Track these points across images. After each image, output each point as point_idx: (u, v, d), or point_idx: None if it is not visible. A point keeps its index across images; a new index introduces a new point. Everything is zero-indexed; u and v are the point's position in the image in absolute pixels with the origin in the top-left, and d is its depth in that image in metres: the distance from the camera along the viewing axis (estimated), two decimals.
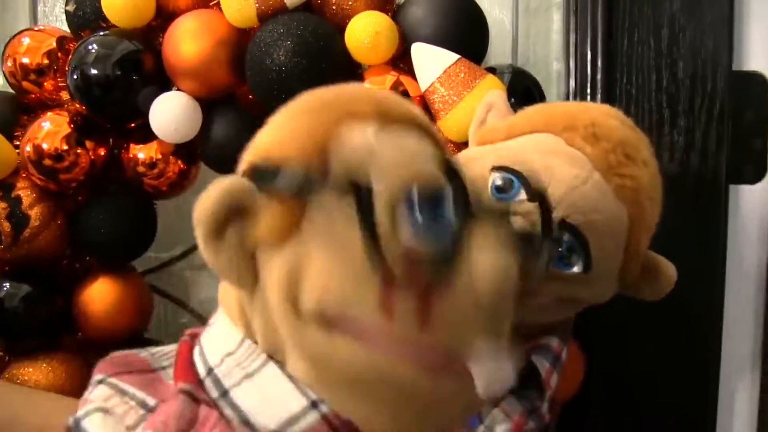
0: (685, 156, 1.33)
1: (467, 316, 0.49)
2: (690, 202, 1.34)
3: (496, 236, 0.49)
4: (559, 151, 0.80)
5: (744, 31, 1.39)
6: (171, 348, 0.63)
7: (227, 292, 0.58)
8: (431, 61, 1.14)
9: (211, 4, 1.24)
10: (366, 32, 1.13)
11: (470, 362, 0.49)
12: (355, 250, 0.47)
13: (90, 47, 1.20)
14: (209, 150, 1.25)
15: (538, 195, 0.73)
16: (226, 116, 1.24)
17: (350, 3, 1.17)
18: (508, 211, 0.67)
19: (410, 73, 1.17)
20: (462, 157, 0.88)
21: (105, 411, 0.53)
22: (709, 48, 1.32)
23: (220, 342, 0.57)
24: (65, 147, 1.23)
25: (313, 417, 0.51)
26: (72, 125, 1.25)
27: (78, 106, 1.25)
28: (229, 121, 1.24)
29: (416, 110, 0.59)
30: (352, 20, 1.15)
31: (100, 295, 1.32)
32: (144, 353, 0.62)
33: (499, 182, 0.77)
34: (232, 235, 0.51)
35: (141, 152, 1.28)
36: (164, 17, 1.25)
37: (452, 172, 0.51)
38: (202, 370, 0.56)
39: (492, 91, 0.97)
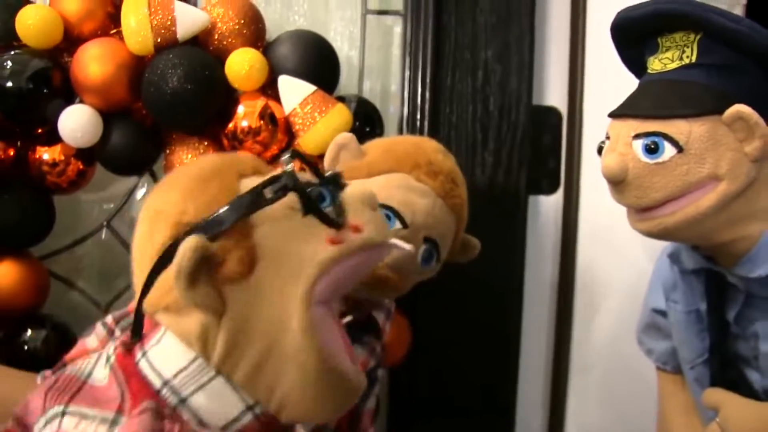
0: (493, 171, 1.72)
1: (366, 214, 0.79)
2: (498, 208, 1.73)
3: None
4: (413, 186, 1.14)
5: (544, 74, 1.79)
6: (79, 349, 0.85)
7: (183, 323, 0.73)
8: (294, 90, 1.49)
9: (111, 32, 1.55)
10: (242, 65, 1.48)
11: (393, 242, 0.84)
12: (302, 232, 0.73)
13: (5, 62, 1.48)
14: (106, 154, 1.56)
15: (408, 224, 1.09)
16: (122, 127, 1.55)
17: (230, 40, 1.51)
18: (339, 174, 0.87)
19: (276, 99, 1.52)
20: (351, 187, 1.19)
21: None
22: (514, 86, 1.72)
23: (174, 361, 0.73)
24: None
25: (248, 417, 0.72)
26: None
27: None
28: (126, 131, 1.55)
29: (263, 164, 0.86)
30: (231, 55, 1.49)
31: (2, 276, 1.59)
32: (67, 370, 0.77)
33: None
34: (204, 278, 0.68)
35: (46, 154, 1.57)
36: (70, 40, 1.54)
37: (321, 176, 0.80)
38: (157, 383, 0.72)
39: (343, 134, 1.20)
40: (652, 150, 1.00)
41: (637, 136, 1.02)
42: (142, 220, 0.79)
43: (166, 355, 0.74)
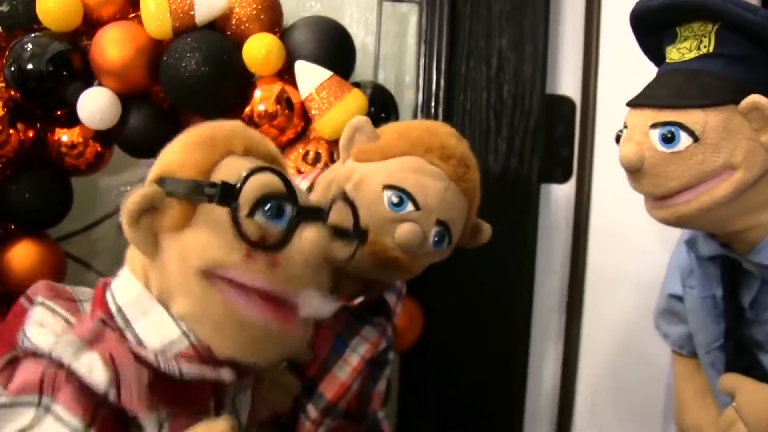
0: (506, 159, 1.74)
1: (299, 269, 0.82)
2: (510, 196, 1.75)
3: (316, 225, 0.82)
4: (426, 169, 1.15)
5: (558, 63, 1.80)
6: (86, 289, 0.91)
7: (133, 257, 0.85)
8: (310, 76, 1.51)
9: (130, 16, 1.58)
10: (259, 50, 1.51)
11: (299, 299, 0.82)
12: (227, 231, 0.79)
13: (25, 45, 1.52)
14: (124, 137, 1.59)
15: (420, 206, 1.11)
16: (140, 110, 1.57)
17: (247, 25, 1.53)
18: (322, 212, 0.86)
19: (293, 83, 1.54)
20: (358, 175, 1.14)
21: (40, 324, 0.80)
22: (527, 75, 1.73)
23: (126, 291, 0.84)
24: None
25: (184, 343, 0.80)
26: (5, 109, 1.56)
27: (12, 93, 1.56)
28: (143, 114, 1.57)
29: (271, 146, 0.92)
30: (248, 40, 1.51)
31: (20, 257, 1.63)
32: (69, 288, 0.89)
33: (394, 199, 1.09)
34: (145, 222, 0.80)
35: (65, 135, 1.60)
36: (90, 23, 1.57)
37: (291, 189, 0.82)
38: (113, 307, 0.83)
39: (358, 117, 1.20)
40: (668, 139, 1.02)
41: (653, 126, 1.03)
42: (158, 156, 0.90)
43: (122, 287, 0.85)
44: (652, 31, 1.11)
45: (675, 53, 1.07)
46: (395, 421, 1.77)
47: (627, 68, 1.28)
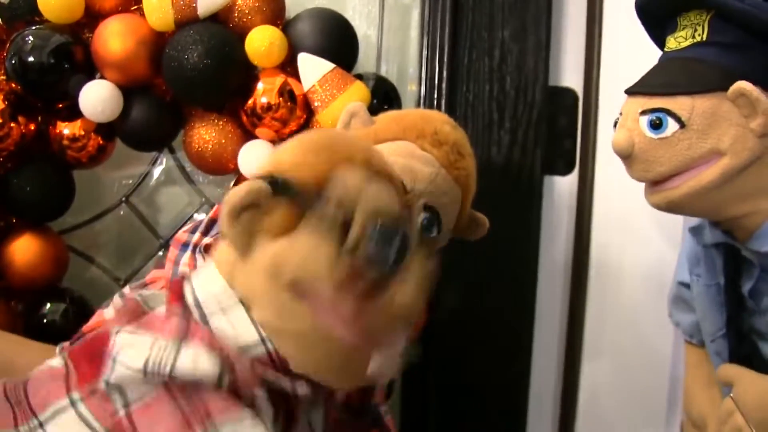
0: (509, 151, 1.74)
1: (385, 317, 0.76)
2: (513, 188, 1.75)
3: (421, 271, 0.76)
4: (416, 154, 1.15)
5: (560, 55, 1.80)
6: (155, 292, 0.88)
7: (222, 252, 0.83)
8: (313, 68, 1.51)
9: (132, 8, 1.58)
10: (262, 42, 1.51)
11: (376, 351, 0.77)
12: (328, 250, 0.73)
13: (27, 37, 1.51)
14: (126, 129, 1.59)
15: (408, 189, 1.09)
16: (143, 102, 1.58)
17: (250, 17, 1.54)
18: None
19: (296, 76, 1.54)
20: None
21: (130, 346, 0.76)
22: (530, 67, 1.73)
23: (208, 285, 0.81)
24: (0, 120, 1.54)
25: (261, 349, 0.77)
26: (6, 102, 1.56)
27: (13, 85, 1.56)
28: (145, 107, 1.58)
29: (392, 167, 0.87)
30: (251, 32, 1.51)
31: (22, 250, 1.63)
32: (136, 297, 0.86)
33: None
34: (245, 218, 0.76)
35: (66, 128, 1.60)
36: (91, 16, 1.56)
37: (404, 220, 0.79)
38: (190, 300, 0.80)
39: (353, 102, 1.23)
40: (656, 125, 1.04)
41: (643, 113, 1.06)
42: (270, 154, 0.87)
43: (204, 280, 0.83)
44: (657, 21, 1.14)
45: (672, 42, 1.10)
46: (399, 418, 1.77)
47: (629, 60, 1.29)
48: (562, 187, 1.83)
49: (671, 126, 1.03)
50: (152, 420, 0.73)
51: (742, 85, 0.99)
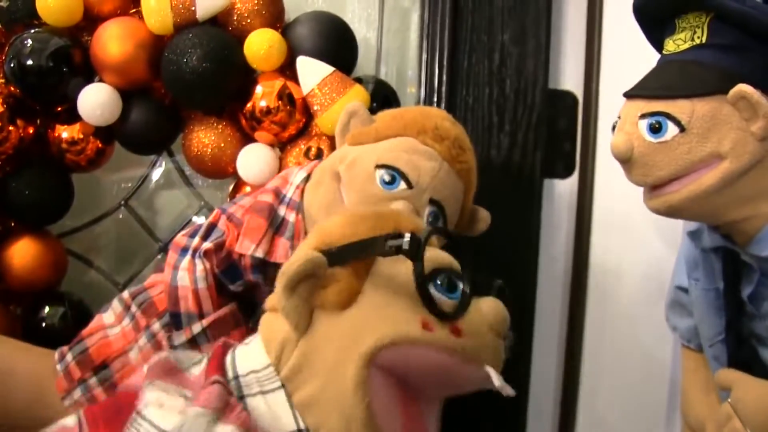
0: (509, 154, 1.74)
1: (482, 331, 0.80)
2: (512, 191, 1.75)
3: (491, 298, 0.83)
4: (419, 149, 1.17)
5: (560, 58, 1.80)
6: (190, 353, 0.86)
7: (271, 327, 0.80)
8: (312, 71, 1.51)
9: (131, 11, 1.58)
10: (261, 45, 1.51)
11: (486, 374, 0.78)
12: (402, 300, 0.75)
13: (26, 41, 1.51)
14: (125, 133, 1.59)
15: (413, 185, 1.12)
16: (141, 105, 1.58)
17: (249, 20, 1.53)
18: (497, 285, 0.93)
19: (295, 79, 1.54)
20: (351, 156, 1.16)
21: (159, 405, 0.73)
22: (530, 70, 1.73)
23: (251, 360, 0.78)
24: None
25: None
26: (5, 105, 1.56)
27: (11, 88, 1.56)
28: (144, 110, 1.58)
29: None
30: (250, 35, 1.51)
31: (21, 254, 1.63)
32: (173, 357, 0.82)
33: (387, 177, 1.11)
34: (303, 290, 0.74)
35: (65, 132, 1.60)
36: (90, 19, 1.56)
37: (465, 270, 0.83)
38: (230, 374, 0.77)
39: (353, 102, 1.24)
40: (655, 129, 1.03)
41: (642, 116, 1.05)
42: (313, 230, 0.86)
43: (248, 355, 0.80)
44: (655, 24, 1.13)
45: (671, 44, 1.09)
46: None
47: (629, 62, 1.28)
48: (562, 190, 1.83)
49: (671, 130, 1.02)
50: None
51: (743, 88, 0.98)
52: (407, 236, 0.75)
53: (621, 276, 1.77)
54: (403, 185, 1.13)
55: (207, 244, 1.19)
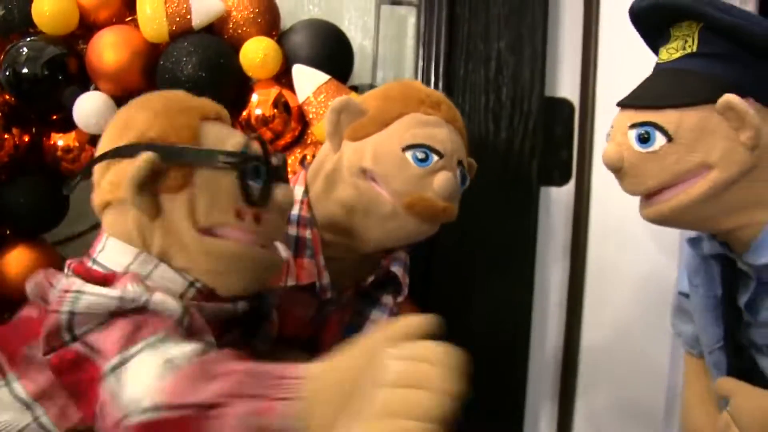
0: (505, 161, 1.74)
1: (276, 222, 0.98)
2: (509, 198, 1.74)
3: (282, 182, 0.97)
4: (427, 121, 1.19)
5: (556, 65, 1.80)
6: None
7: (122, 226, 0.93)
8: (307, 80, 1.51)
9: (127, 19, 1.57)
10: (256, 53, 1.50)
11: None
12: (223, 193, 0.91)
13: (21, 49, 1.51)
14: None
15: (443, 154, 1.17)
16: None
17: (244, 28, 1.53)
18: (284, 170, 1.03)
19: (290, 87, 1.54)
20: (370, 149, 1.18)
21: (93, 287, 0.85)
22: (526, 77, 1.73)
23: (120, 257, 0.91)
24: None
25: (192, 291, 0.91)
26: (0, 113, 1.55)
27: (7, 96, 1.56)
28: None
29: (225, 112, 1.04)
30: (246, 43, 1.51)
31: (16, 262, 1.63)
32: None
33: (420, 155, 1.15)
34: (150, 185, 0.88)
35: (61, 140, 1.60)
36: (86, 27, 1.56)
37: (267, 153, 0.96)
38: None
39: (337, 99, 1.21)
40: (644, 139, 1.04)
41: (632, 126, 1.06)
42: (111, 126, 0.99)
43: (113, 255, 0.92)
44: (652, 32, 1.13)
45: (664, 53, 1.09)
46: None
47: (626, 70, 1.28)
48: (559, 197, 1.83)
49: (659, 140, 1.03)
50: (108, 333, 0.81)
51: (730, 98, 0.98)
52: (233, 155, 0.92)
53: (617, 283, 1.77)
54: (435, 158, 1.17)
55: None
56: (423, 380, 0.58)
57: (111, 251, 0.93)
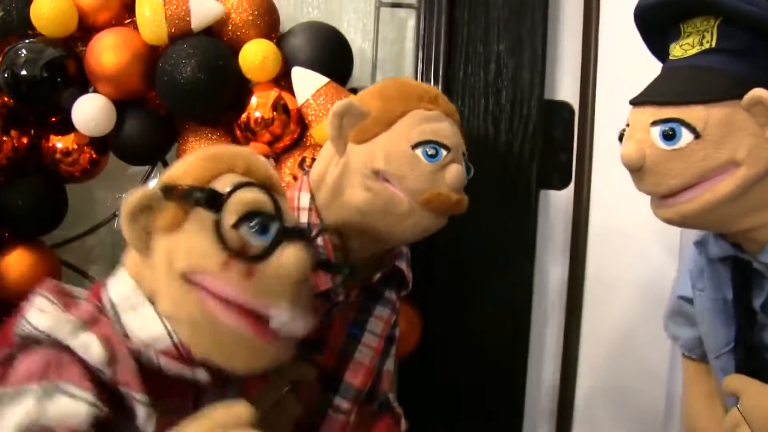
0: (505, 165, 1.73)
1: (274, 284, 0.86)
2: (508, 202, 1.74)
3: (297, 245, 0.87)
4: (429, 116, 1.19)
5: (556, 68, 1.80)
6: (85, 290, 0.95)
7: (129, 256, 0.91)
8: (307, 82, 1.51)
9: (126, 21, 1.57)
10: (256, 56, 1.50)
11: (271, 312, 0.86)
12: (209, 238, 0.84)
13: (20, 51, 1.51)
14: (120, 143, 1.58)
15: (450, 147, 1.17)
16: (136, 116, 1.57)
17: (244, 30, 1.53)
18: (306, 234, 0.95)
19: (290, 90, 1.53)
20: (380, 151, 1.16)
21: (40, 309, 0.84)
22: (526, 80, 1.73)
23: (118, 286, 0.89)
24: None
25: (167, 342, 0.85)
26: None
27: (6, 99, 1.55)
28: (139, 121, 1.57)
29: (272, 172, 0.98)
30: (245, 46, 1.51)
31: (15, 264, 1.63)
32: (70, 288, 0.94)
33: (430, 151, 1.15)
34: (142, 220, 0.86)
35: (59, 142, 1.60)
36: (85, 29, 1.56)
37: (279, 209, 0.88)
38: (105, 300, 0.88)
39: (338, 103, 1.17)
40: (669, 136, 0.99)
41: (654, 123, 1.01)
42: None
43: (116, 283, 0.90)
44: (657, 30, 1.10)
45: (678, 50, 1.05)
46: None
47: (625, 73, 1.28)
48: (558, 201, 1.83)
49: (685, 136, 0.98)
50: (26, 360, 0.79)
51: (759, 92, 0.95)
52: (207, 190, 0.86)
53: (617, 287, 1.77)
54: (444, 152, 1.17)
55: None
56: None
57: (118, 278, 0.91)
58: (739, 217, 1.03)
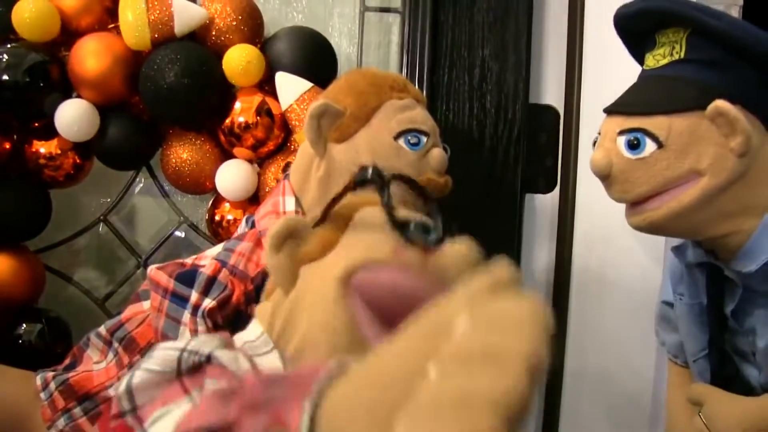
0: (489, 170, 1.73)
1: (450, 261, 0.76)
2: (494, 206, 1.74)
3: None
4: (403, 105, 1.21)
5: (541, 72, 1.80)
6: None
7: (264, 306, 0.85)
8: (291, 87, 1.50)
9: (109, 27, 1.56)
10: (239, 60, 1.49)
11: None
12: (374, 230, 0.75)
13: (2, 56, 1.50)
14: (103, 148, 1.58)
15: (428, 133, 1.19)
16: (119, 121, 1.57)
17: (227, 35, 1.52)
18: None
19: (274, 95, 1.53)
20: (364, 146, 1.17)
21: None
22: (510, 85, 1.73)
23: (247, 334, 0.84)
24: None
25: None
26: None
27: None
28: (122, 126, 1.57)
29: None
30: (229, 50, 1.50)
31: None
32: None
33: (412, 140, 1.19)
34: (287, 248, 0.75)
35: (43, 147, 1.59)
36: (68, 34, 1.55)
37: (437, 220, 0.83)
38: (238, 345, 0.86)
39: (313, 105, 1.16)
40: (634, 145, 1.03)
41: (621, 132, 1.04)
42: None
43: (246, 331, 0.82)
44: (636, 39, 1.12)
45: (651, 60, 1.08)
46: None
47: (610, 77, 1.28)
48: (544, 205, 1.82)
49: (649, 146, 1.01)
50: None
51: (720, 104, 0.98)
52: (370, 169, 0.74)
53: (603, 292, 1.76)
54: (424, 138, 1.20)
55: (210, 302, 1.12)
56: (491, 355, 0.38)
57: (248, 328, 0.85)
58: (707, 225, 1.05)
